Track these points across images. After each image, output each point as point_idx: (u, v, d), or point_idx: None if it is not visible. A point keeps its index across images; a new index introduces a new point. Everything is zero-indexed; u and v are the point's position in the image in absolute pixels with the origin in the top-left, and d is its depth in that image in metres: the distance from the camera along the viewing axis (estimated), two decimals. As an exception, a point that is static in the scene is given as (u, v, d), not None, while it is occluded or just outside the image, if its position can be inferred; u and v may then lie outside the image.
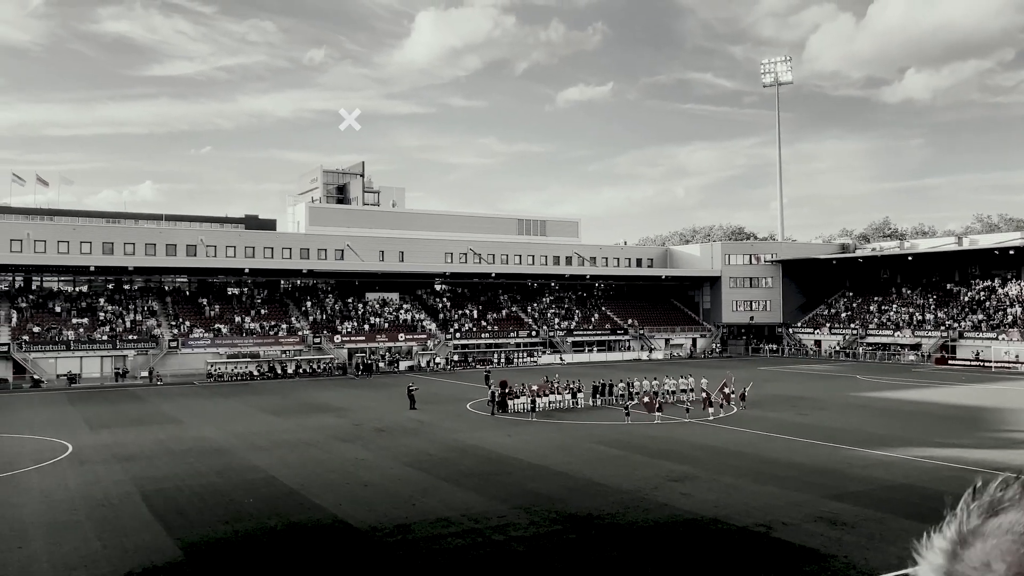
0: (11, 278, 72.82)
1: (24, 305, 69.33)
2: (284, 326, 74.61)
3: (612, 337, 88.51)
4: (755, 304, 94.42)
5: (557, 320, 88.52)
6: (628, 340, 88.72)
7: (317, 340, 73.48)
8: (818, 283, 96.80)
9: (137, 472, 27.92)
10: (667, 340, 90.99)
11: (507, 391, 43.59)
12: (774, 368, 71.68)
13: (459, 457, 30.46)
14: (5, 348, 61.66)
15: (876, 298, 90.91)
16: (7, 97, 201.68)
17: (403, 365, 73.32)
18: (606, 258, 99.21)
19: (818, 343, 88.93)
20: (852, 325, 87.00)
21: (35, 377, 60.61)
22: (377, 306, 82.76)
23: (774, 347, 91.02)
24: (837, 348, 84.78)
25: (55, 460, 30.46)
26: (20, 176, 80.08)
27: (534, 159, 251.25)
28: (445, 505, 22.93)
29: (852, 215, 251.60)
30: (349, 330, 76.07)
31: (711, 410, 40.60)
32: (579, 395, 45.37)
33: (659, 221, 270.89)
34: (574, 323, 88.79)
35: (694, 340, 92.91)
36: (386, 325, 79.08)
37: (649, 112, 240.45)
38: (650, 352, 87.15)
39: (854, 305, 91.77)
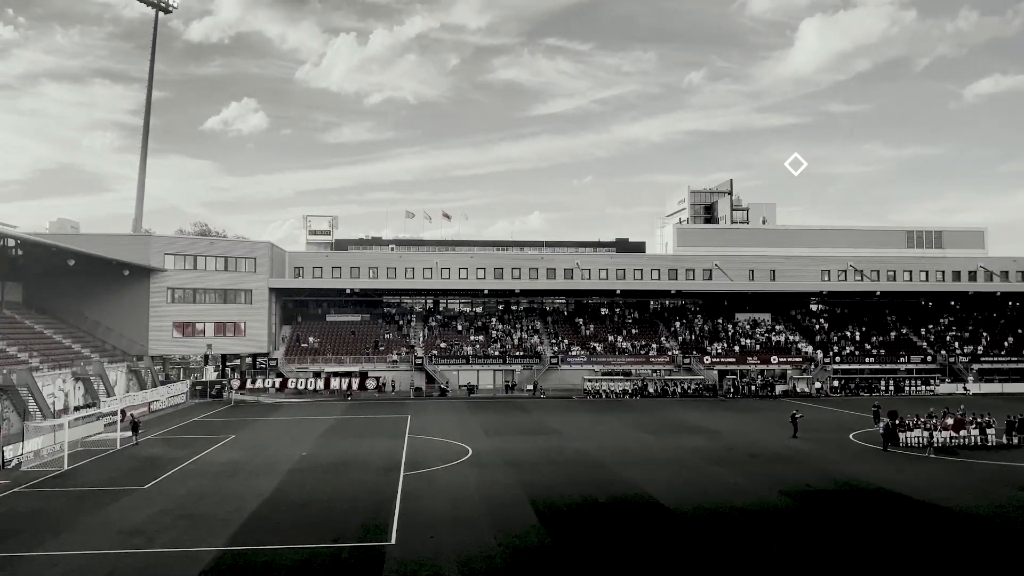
0: (424, 301, 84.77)
1: (433, 324, 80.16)
2: (654, 346, 76.06)
3: (1032, 365, 75.19)
4: None
5: (958, 344, 77.79)
6: (1054, 369, 74.60)
7: (687, 360, 73.63)
8: None
9: (525, 478, 30.37)
10: (1110, 370, 74.76)
11: (898, 422, 39.28)
12: None
13: (841, 490, 28.09)
14: (420, 361, 71.75)
15: None
16: (422, 146, 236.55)
17: (778, 389, 70.12)
18: (1021, 272, 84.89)
19: None
20: None
21: (442, 386, 69.49)
22: (747, 327, 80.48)
23: None
24: None
25: (458, 462, 34.44)
26: (429, 213, 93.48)
27: (928, 163, 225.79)
28: (828, 539, 21.24)
29: None
30: (719, 351, 74.98)
31: None
32: (989, 431, 39.12)
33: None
34: (980, 348, 77.21)
35: None
36: (757, 347, 76.45)
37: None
38: (1085, 384, 72.21)
39: None
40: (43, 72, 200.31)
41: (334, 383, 66.33)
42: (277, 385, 66.33)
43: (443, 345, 75.00)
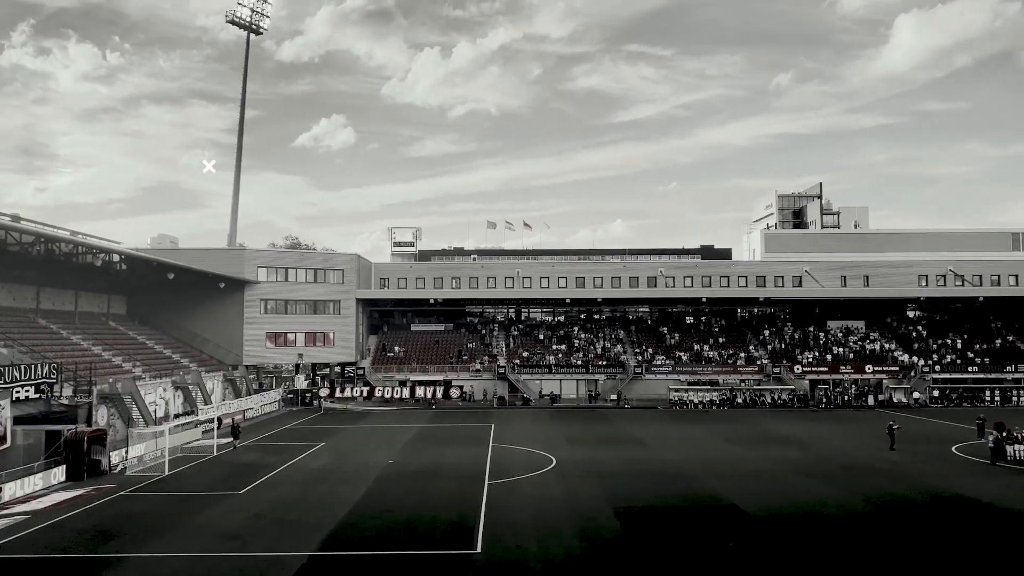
0: (506, 310, 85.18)
1: (515, 333, 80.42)
2: (742, 355, 74.26)
3: None
4: None
5: (1071, 352, 73.15)
6: None
7: (776, 370, 71.60)
8: None
9: (609, 489, 30.06)
10: None
11: (1005, 435, 37.19)
12: None
13: (942, 505, 26.75)
14: (503, 370, 72.08)
15: None
16: (504, 157, 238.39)
17: (874, 399, 67.36)
18: None
19: None
20: None
21: (525, 396, 69.58)
22: (840, 335, 77.75)
23: None
24: None
25: (542, 471, 34.39)
26: (510, 223, 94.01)
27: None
28: (923, 555, 20.26)
29: None
30: (809, 360, 72.63)
31: None
32: (1109, 445, 36.58)
33: None
34: (1096, 356, 72.40)
35: None
36: (850, 355, 73.71)
37: None
38: None
39: None
40: (145, 95, 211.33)
41: (419, 392, 67.36)
42: (365, 393, 67.79)
43: (525, 354, 75.14)
